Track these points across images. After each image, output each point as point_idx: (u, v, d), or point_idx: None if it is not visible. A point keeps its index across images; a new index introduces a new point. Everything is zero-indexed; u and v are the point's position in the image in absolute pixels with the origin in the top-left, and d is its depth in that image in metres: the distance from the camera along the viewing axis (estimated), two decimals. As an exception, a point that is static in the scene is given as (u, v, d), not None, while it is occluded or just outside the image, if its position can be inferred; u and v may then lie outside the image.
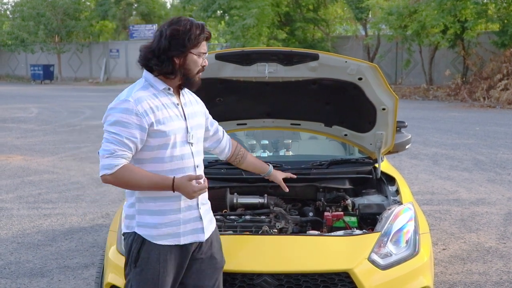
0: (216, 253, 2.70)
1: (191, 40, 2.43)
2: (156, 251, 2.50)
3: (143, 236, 2.51)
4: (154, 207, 2.50)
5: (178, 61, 2.45)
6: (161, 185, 2.42)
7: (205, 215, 2.65)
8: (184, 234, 2.54)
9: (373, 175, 4.05)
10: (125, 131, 2.39)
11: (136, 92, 2.46)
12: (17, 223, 6.09)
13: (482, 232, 5.66)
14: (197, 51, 2.47)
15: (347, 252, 3.06)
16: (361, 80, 3.42)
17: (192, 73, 2.50)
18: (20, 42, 37.35)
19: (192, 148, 2.57)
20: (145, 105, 2.43)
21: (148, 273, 2.50)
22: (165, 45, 2.42)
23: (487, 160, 9.47)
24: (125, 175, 2.38)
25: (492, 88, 20.12)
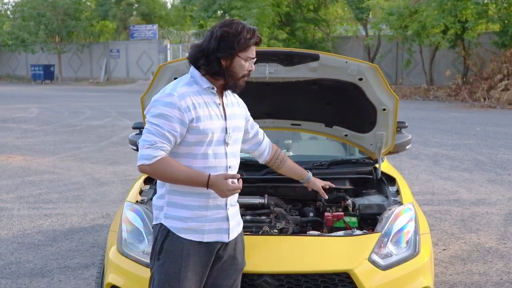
0: (238, 254, 2.72)
1: (240, 43, 2.45)
2: (180, 245, 2.52)
3: (169, 227, 2.54)
4: (182, 201, 2.53)
5: (225, 62, 2.48)
6: (196, 180, 2.46)
7: (233, 216, 2.66)
8: (209, 232, 2.56)
9: (373, 176, 4.05)
10: (167, 124, 2.43)
11: (180, 87, 2.50)
12: (17, 223, 6.09)
13: (483, 232, 5.66)
14: (245, 55, 2.49)
15: (348, 253, 3.06)
16: (361, 81, 3.42)
17: (237, 76, 2.52)
18: (20, 42, 37.40)
19: (227, 149, 2.59)
20: (188, 100, 2.47)
21: (170, 266, 2.52)
22: (214, 46, 2.45)
23: (487, 161, 9.47)
24: (162, 167, 2.43)
25: (492, 88, 20.13)
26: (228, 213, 2.60)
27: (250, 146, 2.95)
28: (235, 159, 2.66)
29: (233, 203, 2.66)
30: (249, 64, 2.53)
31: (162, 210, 2.57)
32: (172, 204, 2.55)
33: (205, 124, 2.49)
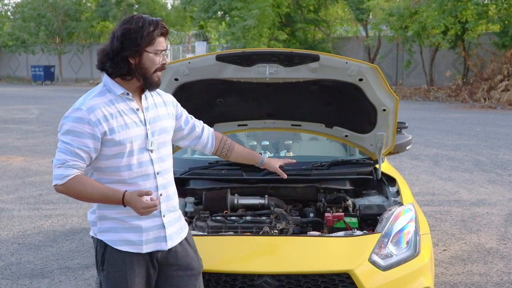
0: (192, 259, 2.63)
1: (143, 37, 2.32)
2: (121, 255, 2.46)
3: (105, 241, 2.47)
4: (114, 214, 2.45)
5: (133, 61, 2.36)
6: (111, 198, 2.35)
7: (171, 223, 2.55)
8: (147, 242, 2.48)
9: (373, 176, 4.05)
10: (77, 141, 2.33)
11: (90, 99, 2.37)
12: (18, 224, 6.09)
13: (483, 233, 5.66)
14: (153, 49, 2.37)
15: (348, 253, 3.06)
16: (361, 81, 3.42)
17: (149, 72, 2.39)
18: (21, 43, 37.40)
19: (151, 155, 2.47)
20: (98, 113, 2.35)
21: (116, 276, 2.46)
22: (117, 46, 2.33)
23: (487, 161, 9.46)
24: (76, 186, 2.33)
25: (492, 89, 20.13)
26: (164, 221, 2.50)
27: (189, 142, 2.84)
28: (164, 163, 2.53)
29: (171, 208, 2.57)
30: (160, 58, 2.40)
31: (96, 225, 2.50)
32: (104, 217, 2.47)
33: (120, 135, 2.37)
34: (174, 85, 3.49)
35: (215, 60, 3.34)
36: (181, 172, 4.06)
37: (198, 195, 3.90)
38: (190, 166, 4.11)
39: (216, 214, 3.65)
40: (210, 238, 3.25)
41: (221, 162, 4.15)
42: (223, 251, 3.13)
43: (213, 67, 3.38)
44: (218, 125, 3.95)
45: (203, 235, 3.27)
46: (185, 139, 2.82)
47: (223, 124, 3.96)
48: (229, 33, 27.80)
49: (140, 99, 2.50)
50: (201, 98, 3.69)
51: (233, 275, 2.97)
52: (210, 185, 3.95)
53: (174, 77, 3.43)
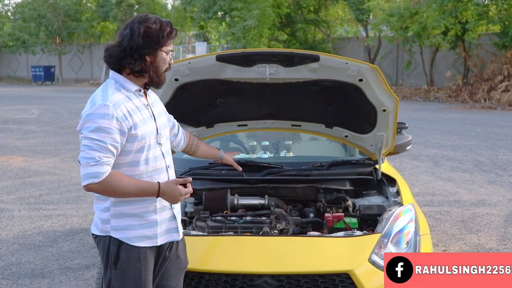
0: (181, 253, 2.73)
1: (164, 37, 2.43)
2: (136, 251, 2.50)
3: (120, 239, 2.49)
4: (130, 210, 2.49)
5: (150, 59, 2.44)
6: (147, 191, 2.42)
7: (178, 215, 2.68)
8: (161, 235, 2.56)
9: (373, 176, 4.05)
10: (108, 137, 2.35)
11: (112, 95, 2.41)
12: (18, 224, 6.10)
13: (483, 233, 5.66)
14: (167, 48, 2.48)
15: (348, 253, 3.06)
16: (361, 82, 3.42)
17: (161, 71, 2.50)
18: (21, 44, 37.40)
19: (162, 149, 2.57)
20: (123, 109, 2.40)
21: (130, 273, 2.49)
22: (138, 43, 2.39)
23: (487, 162, 9.46)
24: (113, 183, 2.35)
25: (493, 89, 20.12)
26: (174, 212, 2.62)
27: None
28: (170, 156, 2.66)
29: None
30: (170, 58, 2.52)
31: (108, 223, 2.50)
32: (120, 215, 2.49)
33: (142, 130, 2.45)
34: (174, 85, 3.49)
35: (215, 60, 3.34)
36: (181, 172, 4.06)
37: (198, 195, 3.90)
38: (190, 166, 4.11)
39: (216, 214, 3.65)
40: (210, 238, 3.25)
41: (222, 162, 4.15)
42: (223, 251, 3.14)
43: (213, 67, 3.38)
44: (218, 125, 3.95)
45: (203, 235, 3.27)
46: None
47: (223, 124, 3.96)
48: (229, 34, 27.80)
49: (145, 96, 2.58)
50: (201, 98, 3.70)
51: (233, 275, 2.97)
52: (210, 185, 3.95)
53: (174, 77, 3.43)
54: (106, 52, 2.46)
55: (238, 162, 4.10)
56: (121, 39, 2.44)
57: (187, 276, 2.99)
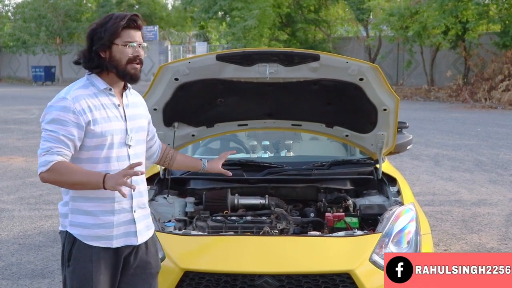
0: (151, 258, 2.66)
1: (107, 30, 2.42)
2: (89, 251, 2.47)
3: (75, 235, 2.48)
4: (87, 207, 2.47)
5: (104, 55, 2.45)
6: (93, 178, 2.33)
7: (141, 219, 2.59)
8: (117, 237, 2.51)
9: (374, 176, 4.05)
10: (61, 129, 2.37)
11: (75, 90, 2.45)
12: (18, 224, 6.09)
13: (484, 233, 5.66)
14: (122, 40, 2.44)
15: (348, 253, 3.06)
16: (362, 81, 3.42)
17: (121, 64, 2.46)
18: (21, 44, 37.39)
19: (129, 151, 2.53)
20: (83, 103, 2.42)
21: (81, 272, 2.48)
22: (88, 42, 2.48)
23: (488, 161, 9.46)
24: (60, 170, 2.34)
25: (493, 89, 20.11)
26: (135, 216, 2.54)
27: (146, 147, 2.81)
28: (139, 160, 2.58)
29: (141, 205, 2.60)
30: (132, 49, 2.46)
31: (67, 217, 2.50)
32: (77, 211, 2.48)
33: (102, 127, 2.43)
34: (174, 85, 3.48)
35: (216, 59, 3.33)
36: (181, 172, 4.05)
37: (199, 195, 3.90)
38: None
39: (217, 214, 3.64)
40: (210, 238, 3.25)
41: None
42: (224, 251, 3.13)
43: (214, 66, 3.37)
44: (218, 125, 3.94)
45: (204, 235, 3.27)
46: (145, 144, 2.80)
47: (224, 124, 3.95)
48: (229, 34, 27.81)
49: (121, 96, 2.57)
50: (201, 98, 3.69)
51: (233, 275, 2.96)
52: (210, 185, 3.95)
53: (174, 77, 3.43)
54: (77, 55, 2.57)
55: (239, 161, 4.11)
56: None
57: (186, 276, 2.99)
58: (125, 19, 2.44)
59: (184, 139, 3.95)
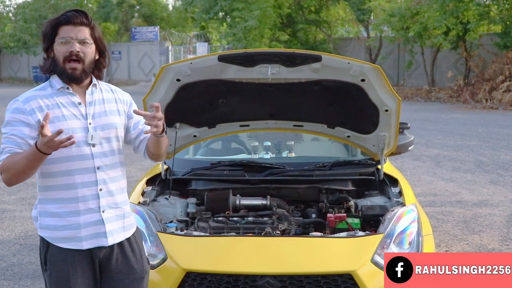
0: (135, 263, 2.58)
1: (46, 29, 2.42)
2: (62, 254, 2.44)
3: (46, 238, 2.46)
4: (53, 208, 2.44)
5: (51, 54, 2.46)
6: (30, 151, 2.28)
7: (112, 220, 2.51)
8: (86, 238, 2.45)
9: (376, 177, 4.04)
10: (13, 129, 2.38)
11: (29, 92, 2.48)
12: (19, 224, 6.09)
13: (485, 233, 5.65)
14: (58, 38, 2.41)
15: (350, 254, 3.06)
16: (364, 82, 3.42)
17: (60, 63, 2.42)
18: (22, 44, 37.41)
19: (92, 149, 2.45)
20: (33, 103, 2.41)
21: (58, 276, 2.44)
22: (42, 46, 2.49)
23: (489, 162, 9.45)
24: (8, 163, 2.33)
25: (494, 89, 20.10)
26: (103, 216, 2.47)
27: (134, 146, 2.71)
28: (107, 158, 2.50)
29: (112, 205, 2.51)
30: (66, 46, 2.39)
31: (37, 220, 2.49)
32: (44, 213, 2.45)
33: (55, 126, 2.33)
34: (176, 86, 3.48)
35: (217, 60, 3.34)
36: (183, 173, 4.06)
37: (200, 195, 3.90)
38: (192, 166, 4.11)
39: (218, 215, 3.64)
40: (212, 239, 3.25)
41: (223, 162, 4.15)
42: (225, 252, 3.13)
43: (215, 67, 3.38)
44: (220, 126, 3.95)
45: (205, 236, 3.27)
46: (132, 143, 2.71)
47: (225, 124, 3.95)
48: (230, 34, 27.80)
49: (84, 94, 2.50)
50: (203, 98, 3.69)
51: (235, 276, 2.97)
52: (212, 186, 3.95)
53: (176, 78, 3.43)
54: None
55: (240, 162, 4.12)
56: None
57: (188, 277, 2.99)
58: (60, 15, 2.42)
59: (185, 140, 3.95)
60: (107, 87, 2.61)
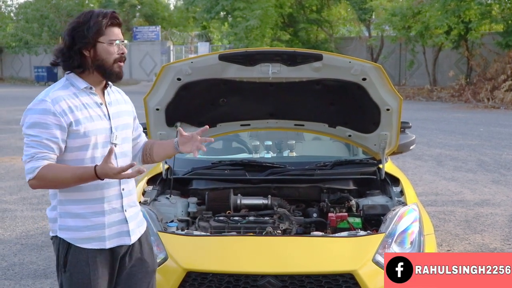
0: (147, 256, 2.62)
1: (90, 28, 2.35)
2: (84, 254, 2.43)
3: (67, 240, 2.43)
4: (76, 209, 2.41)
5: (88, 53, 2.39)
6: (85, 174, 2.27)
7: (132, 218, 2.56)
8: (110, 238, 2.46)
9: (377, 176, 4.04)
10: (44, 132, 2.30)
11: (54, 91, 2.38)
12: (20, 224, 6.09)
13: (487, 233, 5.64)
14: (106, 39, 2.38)
15: (352, 253, 3.05)
16: (365, 81, 3.41)
17: (108, 63, 2.41)
18: (24, 44, 37.46)
19: (115, 150, 2.45)
20: (63, 104, 2.34)
21: (79, 277, 2.43)
22: (68, 40, 2.38)
23: (491, 161, 9.43)
24: (48, 174, 2.28)
25: (496, 89, 20.07)
26: (126, 215, 2.50)
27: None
28: (126, 158, 2.54)
29: (131, 204, 2.56)
30: (118, 47, 2.41)
31: (56, 222, 2.45)
32: (66, 214, 2.42)
33: (86, 127, 2.37)
34: (177, 85, 3.48)
35: (218, 59, 3.33)
36: (184, 172, 4.05)
37: (201, 195, 3.89)
38: (192, 166, 4.10)
39: (219, 214, 3.64)
40: (213, 239, 3.24)
41: (224, 162, 4.14)
42: (226, 252, 3.12)
43: (216, 66, 3.37)
44: (221, 125, 3.94)
45: (206, 235, 3.26)
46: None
47: (226, 124, 3.95)
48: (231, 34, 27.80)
49: (103, 94, 2.51)
50: (204, 98, 3.68)
51: (236, 276, 2.96)
52: (213, 185, 3.94)
53: (177, 77, 3.42)
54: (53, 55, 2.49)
55: (241, 162, 4.11)
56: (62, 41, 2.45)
57: (189, 276, 2.98)
58: (108, 16, 2.39)
59: (186, 139, 3.94)
60: (114, 88, 2.63)
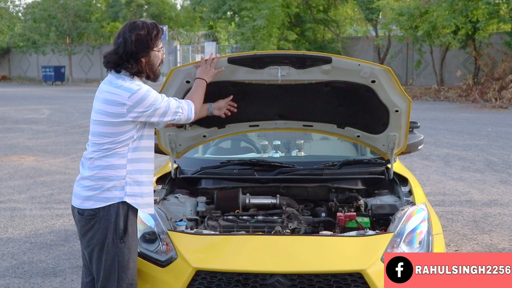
0: None
1: (152, 40, 2.86)
2: (135, 222, 2.92)
3: (132, 204, 2.85)
4: (141, 178, 2.89)
5: (145, 60, 2.87)
6: (200, 83, 3.18)
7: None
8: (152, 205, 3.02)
9: (385, 176, 4.04)
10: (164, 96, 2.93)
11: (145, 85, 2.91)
12: (29, 223, 6.13)
13: (495, 233, 5.63)
14: (158, 47, 2.91)
15: (360, 253, 3.05)
16: (374, 83, 3.41)
17: (156, 67, 2.94)
18: (31, 44, 37.63)
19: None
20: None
21: (132, 244, 2.89)
22: (132, 50, 2.81)
23: (499, 161, 9.41)
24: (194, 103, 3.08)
25: (504, 88, 20.00)
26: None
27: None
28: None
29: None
30: (162, 53, 2.95)
31: (124, 189, 2.83)
32: (133, 182, 2.86)
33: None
34: (186, 87, 3.48)
35: (227, 62, 3.34)
36: (192, 172, 4.07)
37: (210, 194, 3.91)
38: (201, 165, 4.12)
39: (228, 214, 3.65)
40: (222, 238, 3.25)
41: (233, 161, 4.15)
42: (235, 251, 3.14)
43: (225, 69, 3.38)
44: (229, 126, 3.95)
45: (215, 234, 3.28)
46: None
47: (235, 124, 3.96)
48: (238, 33, 27.84)
49: None
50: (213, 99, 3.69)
51: (245, 275, 2.97)
52: (221, 185, 3.96)
53: (186, 80, 3.43)
54: (105, 59, 2.90)
55: (250, 161, 4.13)
56: (116, 47, 2.85)
57: (198, 275, 3.00)
58: (159, 29, 2.90)
59: (195, 140, 3.96)
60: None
